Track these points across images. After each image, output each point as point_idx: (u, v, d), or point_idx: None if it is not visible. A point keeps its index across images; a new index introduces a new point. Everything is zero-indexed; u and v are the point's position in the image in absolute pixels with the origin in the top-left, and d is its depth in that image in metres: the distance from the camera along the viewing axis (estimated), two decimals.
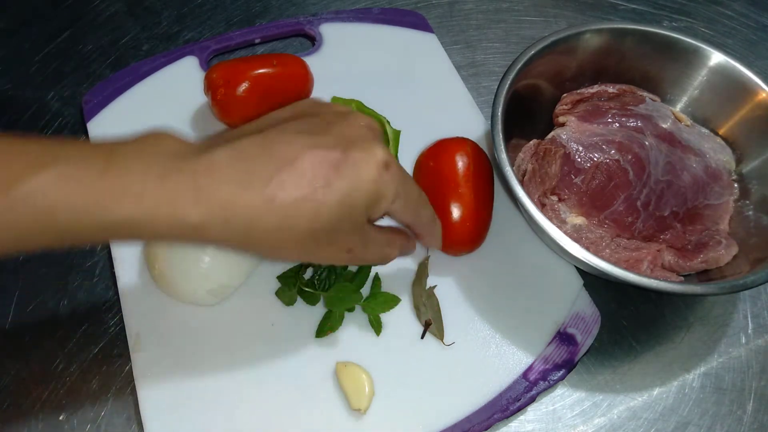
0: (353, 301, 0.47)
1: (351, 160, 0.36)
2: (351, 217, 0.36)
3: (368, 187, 0.36)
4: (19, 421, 0.45)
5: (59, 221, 0.31)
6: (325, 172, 0.35)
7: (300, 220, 0.35)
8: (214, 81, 0.53)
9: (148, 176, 0.32)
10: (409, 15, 0.66)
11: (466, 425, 0.44)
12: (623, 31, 0.55)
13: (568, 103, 0.56)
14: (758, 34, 0.69)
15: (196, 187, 0.32)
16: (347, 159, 0.36)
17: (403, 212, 0.40)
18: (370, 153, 0.36)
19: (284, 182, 0.34)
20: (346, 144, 0.36)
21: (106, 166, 0.31)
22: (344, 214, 0.36)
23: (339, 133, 0.37)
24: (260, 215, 0.34)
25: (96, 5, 0.67)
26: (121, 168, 0.32)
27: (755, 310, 0.52)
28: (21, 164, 0.30)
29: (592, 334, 0.48)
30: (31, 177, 0.30)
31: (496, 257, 0.51)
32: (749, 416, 0.47)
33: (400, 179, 0.38)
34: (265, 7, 0.68)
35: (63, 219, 0.31)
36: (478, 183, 0.49)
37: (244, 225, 0.34)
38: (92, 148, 0.33)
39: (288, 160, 0.34)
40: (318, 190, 0.34)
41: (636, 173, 0.51)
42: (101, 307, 0.49)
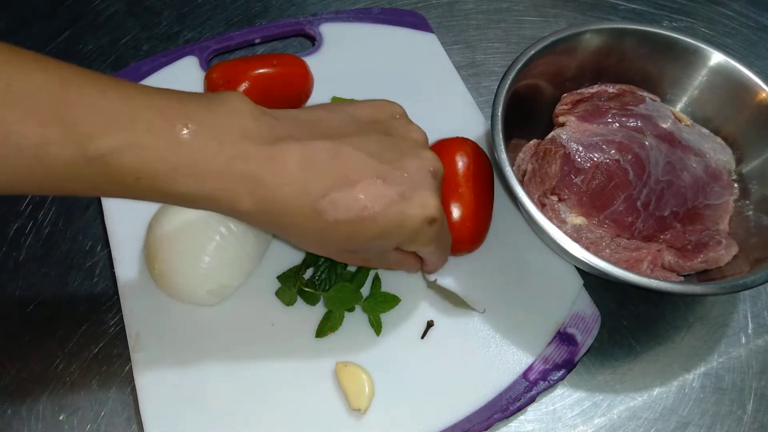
0: (353, 301, 0.47)
1: (404, 205, 0.37)
2: (379, 248, 0.40)
3: (406, 234, 0.38)
4: (19, 421, 0.45)
5: (124, 183, 0.32)
6: (377, 206, 0.37)
7: (336, 235, 0.37)
8: (214, 81, 0.53)
9: (216, 159, 0.33)
10: (409, 15, 0.66)
11: (466, 425, 0.44)
12: (623, 31, 0.55)
13: (568, 103, 0.56)
14: (758, 34, 0.69)
15: (257, 180, 0.34)
16: (402, 202, 0.37)
17: (425, 254, 0.43)
18: (424, 204, 0.38)
19: (336, 202, 0.36)
20: (408, 187, 0.38)
21: (178, 140, 0.32)
22: (375, 245, 0.39)
23: (407, 171, 0.38)
24: (303, 220, 0.36)
25: (96, 5, 0.67)
26: (193, 145, 0.33)
27: (755, 310, 0.52)
28: (97, 123, 0.31)
29: (592, 334, 0.48)
30: (104, 138, 0.31)
31: (496, 257, 0.51)
32: (749, 416, 0.47)
33: (438, 233, 0.40)
34: (265, 7, 0.68)
35: (128, 182, 0.32)
36: (478, 183, 0.49)
37: (286, 222, 0.36)
38: (169, 111, 0.33)
39: (349, 181, 0.36)
40: (364, 219, 0.36)
41: (636, 173, 0.51)
42: (101, 307, 0.49)
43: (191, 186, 0.33)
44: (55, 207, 0.54)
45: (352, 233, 0.37)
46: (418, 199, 0.38)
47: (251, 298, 0.48)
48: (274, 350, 0.47)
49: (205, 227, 0.45)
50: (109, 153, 0.31)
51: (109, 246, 0.51)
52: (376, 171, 0.37)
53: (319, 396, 0.45)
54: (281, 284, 0.48)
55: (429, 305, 0.49)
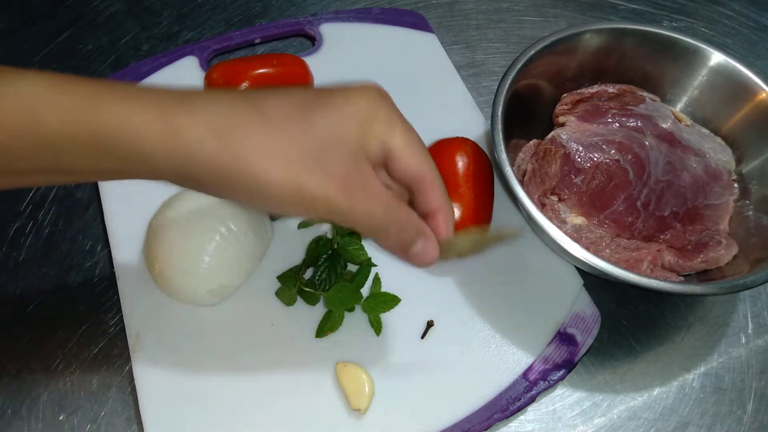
0: (353, 301, 0.47)
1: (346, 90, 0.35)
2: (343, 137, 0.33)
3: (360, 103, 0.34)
4: (19, 421, 0.45)
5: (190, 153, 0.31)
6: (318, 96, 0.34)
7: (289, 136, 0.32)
8: (214, 81, 0.53)
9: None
10: (409, 15, 0.66)
11: (466, 425, 0.44)
12: (623, 31, 0.55)
13: (568, 103, 0.56)
14: (758, 34, 0.69)
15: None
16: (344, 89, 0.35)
17: (405, 150, 0.35)
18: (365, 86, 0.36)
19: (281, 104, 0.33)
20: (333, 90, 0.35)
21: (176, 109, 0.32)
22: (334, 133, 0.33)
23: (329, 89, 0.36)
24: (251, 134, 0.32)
25: (96, 5, 0.67)
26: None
27: (755, 310, 0.52)
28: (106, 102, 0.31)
29: (592, 334, 0.48)
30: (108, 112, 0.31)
31: (496, 257, 0.51)
32: (749, 416, 0.47)
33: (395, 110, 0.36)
34: (265, 7, 0.68)
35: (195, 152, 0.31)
36: (478, 183, 0.49)
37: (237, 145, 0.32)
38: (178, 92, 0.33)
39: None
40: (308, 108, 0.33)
41: (636, 173, 0.51)
42: (101, 307, 0.49)
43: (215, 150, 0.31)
44: (55, 207, 0.54)
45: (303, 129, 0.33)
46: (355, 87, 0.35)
47: (251, 298, 0.48)
48: (274, 350, 0.47)
49: (205, 227, 0.45)
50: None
51: (109, 246, 0.51)
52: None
53: (319, 396, 0.45)
54: (281, 284, 0.48)
55: (429, 305, 0.49)
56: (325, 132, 0.33)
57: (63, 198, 0.55)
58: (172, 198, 0.49)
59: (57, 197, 0.55)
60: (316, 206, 0.33)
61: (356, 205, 0.34)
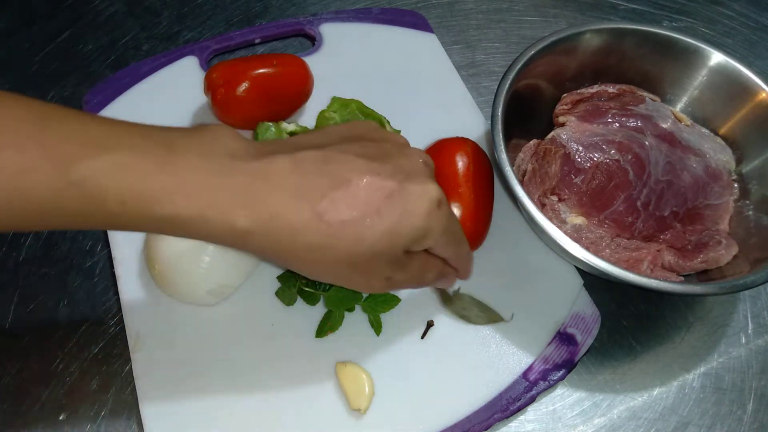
0: (353, 301, 0.47)
1: (405, 192, 0.36)
2: (394, 247, 0.36)
3: (417, 222, 0.36)
4: (19, 421, 0.45)
5: (109, 209, 0.31)
6: (378, 199, 0.35)
7: (343, 241, 0.35)
8: (214, 81, 0.53)
9: (204, 175, 0.32)
10: (409, 15, 0.66)
11: (466, 425, 0.44)
12: (623, 31, 0.55)
13: (568, 103, 0.56)
14: (758, 34, 0.69)
15: (249, 191, 0.33)
16: (402, 190, 0.36)
17: (444, 249, 0.40)
18: (425, 188, 0.37)
19: (336, 201, 0.34)
20: (403, 176, 0.36)
21: (163, 159, 0.31)
22: (387, 244, 0.36)
23: (397, 164, 0.37)
24: (305, 229, 0.34)
25: (96, 5, 0.67)
26: (179, 163, 0.32)
27: (755, 310, 0.52)
28: (78, 146, 0.30)
29: (592, 334, 0.48)
30: (86, 160, 0.30)
31: (496, 257, 0.51)
32: (749, 416, 0.47)
33: (448, 218, 0.38)
34: (265, 7, 0.68)
35: (113, 207, 0.31)
36: (478, 183, 0.49)
37: (288, 236, 0.34)
38: (153, 137, 0.32)
39: (344, 180, 0.35)
40: (368, 215, 0.35)
41: (636, 173, 0.51)
42: (101, 307, 0.49)
43: (180, 205, 0.31)
44: None
45: (360, 235, 0.35)
46: (417, 185, 0.36)
47: (251, 298, 0.48)
48: (274, 350, 0.47)
49: None
50: (92, 176, 0.30)
51: (109, 246, 0.51)
52: (369, 167, 0.36)
53: (319, 395, 0.45)
54: (281, 284, 0.48)
55: (429, 305, 0.49)
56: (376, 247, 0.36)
57: None
58: None
59: None
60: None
61: (398, 284, 0.40)
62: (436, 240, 0.38)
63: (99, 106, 0.57)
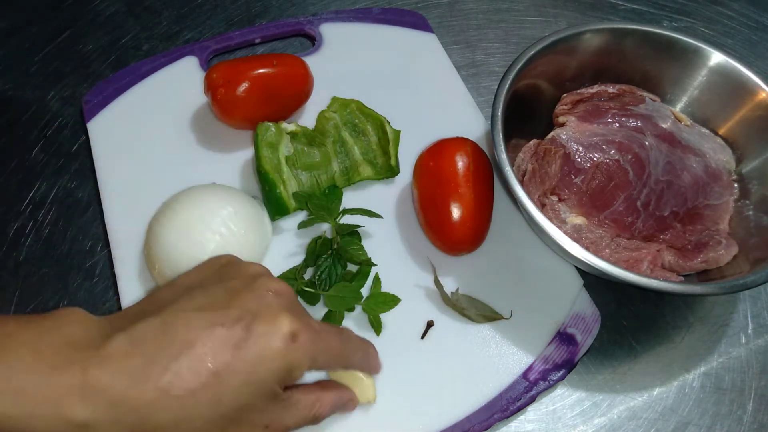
0: (353, 301, 0.47)
1: (254, 337, 0.34)
2: (260, 394, 0.34)
3: (275, 363, 0.34)
4: None
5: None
6: (226, 352, 0.33)
7: (199, 409, 0.33)
8: (214, 81, 0.53)
9: (35, 369, 0.30)
10: (409, 15, 0.66)
11: (466, 425, 0.44)
12: (623, 31, 0.55)
13: (568, 103, 0.56)
14: (758, 34, 0.69)
15: (85, 382, 0.31)
16: (249, 336, 0.34)
17: (328, 366, 0.38)
18: (275, 326, 0.35)
19: (181, 371, 0.32)
20: (250, 317, 0.34)
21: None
22: (250, 394, 0.34)
23: (241, 306, 0.35)
24: (153, 410, 0.32)
25: (96, 5, 0.67)
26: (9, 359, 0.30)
27: (755, 310, 0.52)
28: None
29: (592, 334, 0.48)
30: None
31: (496, 257, 0.51)
32: (749, 416, 0.47)
33: (313, 343, 0.36)
34: (265, 7, 0.68)
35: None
36: (478, 183, 0.49)
37: (138, 420, 0.32)
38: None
39: (186, 344, 0.33)
40: (218, 373, 0.33)
41: (636, 173, 0.51)
42: (101, 307, 0.49)
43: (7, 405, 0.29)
44: (55, 207, 0.54)
45: (215, 396, 0.33)
46: (265, 324, 0.34)
47: None
48: None
49: (206, 227, 0.45)
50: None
51: (109, 246, 0.51)
52: (211, 321, 0.34)
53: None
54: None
55: (429, 305, 0.49)
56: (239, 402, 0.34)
57: (63, 198, 0.55)
58: (172, 198, 0.49)
59: (57, 197, 0.55)
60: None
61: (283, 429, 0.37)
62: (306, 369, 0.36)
63: (99, 107, 0.57)
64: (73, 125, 0.59)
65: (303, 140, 0.54)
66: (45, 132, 0.58)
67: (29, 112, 0.60)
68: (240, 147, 0.56)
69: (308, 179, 0.53)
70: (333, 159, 0.54)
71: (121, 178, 0.54)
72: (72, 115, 0.59)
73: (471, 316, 0.48)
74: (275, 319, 0.35)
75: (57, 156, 0.57)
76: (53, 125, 0.59)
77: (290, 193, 0.51)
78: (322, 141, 0.54)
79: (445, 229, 0.48)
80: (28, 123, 0.59)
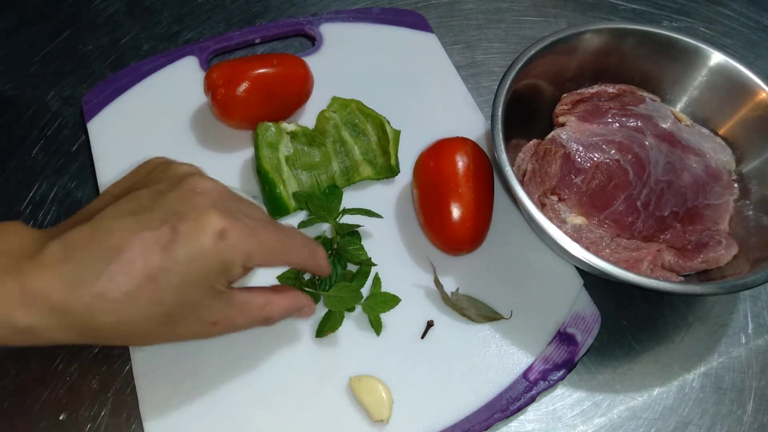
0: (353, 300, 0.47)
1: (180, 238, 0.34)
2: (199, 292, 0.35)
3: (207, 261, 0.34)
4: (19, 421, 0.45)
5: None
6: (155, 255, 0.33)
7: (140, 310, 0.33)
8: (214, 81, 0.53)
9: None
10: (409, 15, 0.66)
11: (466, 425, 0.44)
12: (623, 31, 0.55)
13: (568, 103, 0.56)
14: (758, 34, 0.69)
15: (23, 289, 0.32)
16: (176, 237, 0.34)
17: (268, 263, 0.38)
18: (201, 224, 0.34)
19: (114, 275, 0.33)
20: (175, 219, 0.34)
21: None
22: (189, 293, 0.34)
23: (167, 207, 0.35)
24: (93, 314, 0.33)
25: (96, 5, 0.67)
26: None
27: (755, 310, 0.52)
28: None
29: (592, 334, 0.48)
30: None
31: (496, 257, 0.51)
32: (749, 416, 0.47)
33: (244, 238, 0.36)
34: (265, 7, 0.68)
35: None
36: (478, 183, 0.49)
37: (81, 324, 0.33)
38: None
39: (115, 249, 0.33)
40: (152, 276, 0.33)
41: (636, 173, 0.51)
42: None
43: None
44: (56, 207, 0.54)
45: (154, 297, 0.33)
46: (191, 222, 0.34)
47: None
48: (274, 350, 0.47)
49: None
50: None
51: None
52: (137, 225, 0.34)
53: (318, 393, 0.45)
54: (281, 284, 0.48)
55: (429, 305, 0.49)
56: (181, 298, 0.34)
57: (63, 198, 0.55)
58: None
59: (57, 197, 0.55)
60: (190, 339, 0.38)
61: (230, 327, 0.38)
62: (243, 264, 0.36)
63: (99, 107, 0.57)
64: (73, 125, 0.59)
65: (303, 140, 0.54)
66: (45, 132, 0.58)
67: (29, 112, 0.60)
68: (240, 147, 0.56)
69: (308, 179, 0.53)
70: (333, 159, 0.54)
71: None
72: (72, 115, 0.59)
73: (471, 316, 0.48)
74: (201, 218, 0.35)
75: (57, 156, 0.57)
76: (53, 125, 0.59)
77: (290, 193, 0.51)
78: (322, 141, 0.54)
79: (445, 229, 0.48)
80: (28, 123, 0.59)
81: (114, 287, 0.33)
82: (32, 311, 0.32)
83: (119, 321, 0.33)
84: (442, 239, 0.49)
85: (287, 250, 0.39)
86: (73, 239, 0.34)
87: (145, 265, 0.33)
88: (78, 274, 0.32)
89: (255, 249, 0.36)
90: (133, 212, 0.35)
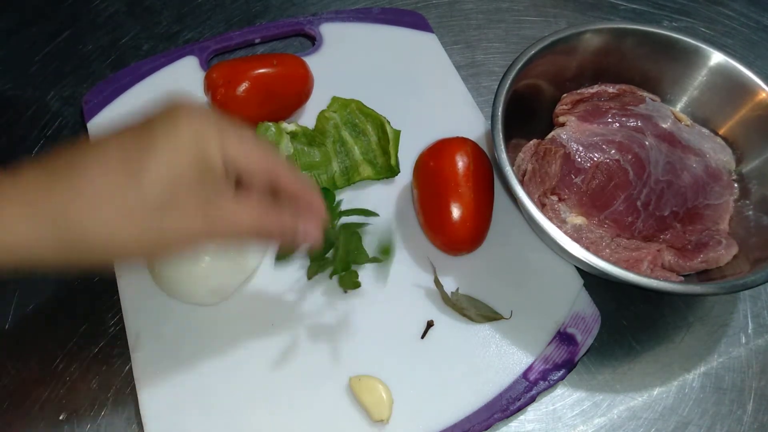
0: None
1: (158, 135, 0.34)
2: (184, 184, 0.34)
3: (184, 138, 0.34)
4: (19, 421, 0.45)
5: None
6: (133, 162, 0.33)
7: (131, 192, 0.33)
8: (214, 81, 0.53)
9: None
10: (409, 15, 0.66)
11: (466, 425, 0.44)
12: (623, 31, 0.55)
13: (568, 103, 0.56)
14: (758, 34, 0.69)
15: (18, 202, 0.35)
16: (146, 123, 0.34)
17: (250, 155, 0.36)
18: (171, 121, 0.34)
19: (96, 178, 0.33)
20: (148, 127, 0.34)
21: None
22: (173, 184, 0.34)
23: (148, 123, 0.35)
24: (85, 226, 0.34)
25: (96, 5, 0.67)
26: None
27: (755, 310, 0.52)
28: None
29: (592, 334, 0.48)
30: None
31: (496, 257, 0.51)
32: (749, 416, 0.47)
33: (218, 133, 0.35)
34: (265, 7, 0.68)
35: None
36: (478, 183, 0.49)
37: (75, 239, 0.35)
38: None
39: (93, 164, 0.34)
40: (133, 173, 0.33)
41: (636, 173, 0.51)
42: (101, 307, 0.49)
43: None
44: None
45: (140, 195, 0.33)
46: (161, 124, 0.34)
47: (251, 298, 0.48)
48: (274, 350, 0.47)
49: None
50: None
51: None
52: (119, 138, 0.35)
53: (318, 393, 0.45)
54: (312, 267, 0.48)
55: (429, 305, 0.49)
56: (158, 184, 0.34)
57: None
58: None
59: None
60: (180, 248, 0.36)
61: (222, 218, 0.35)
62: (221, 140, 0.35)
63: (99, 107, 0.57)
64: (73, 125, 0.59)
65: (303, 140, 0.54)
66: (45, 132, 0.58)
67: (29, 112, 0.60)
68: None
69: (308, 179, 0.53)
70: (333, 159, 0.54)
71: None
72: (72, 115, 0.59)
73: (471, 316, 0.48)
74: (170, 116, 0.34)
75: None
76: (53, 125, 0.59)
77: None
78: (322, 141, 0.54)
79: (445, 229, 0.48)
80: (28, 123, 0.59)
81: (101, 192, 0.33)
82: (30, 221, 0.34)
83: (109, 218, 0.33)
84: (442, 239, 0.49)
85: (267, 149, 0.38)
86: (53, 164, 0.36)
87: (124, 170, 0.33)
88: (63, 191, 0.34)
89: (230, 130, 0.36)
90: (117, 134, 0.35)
